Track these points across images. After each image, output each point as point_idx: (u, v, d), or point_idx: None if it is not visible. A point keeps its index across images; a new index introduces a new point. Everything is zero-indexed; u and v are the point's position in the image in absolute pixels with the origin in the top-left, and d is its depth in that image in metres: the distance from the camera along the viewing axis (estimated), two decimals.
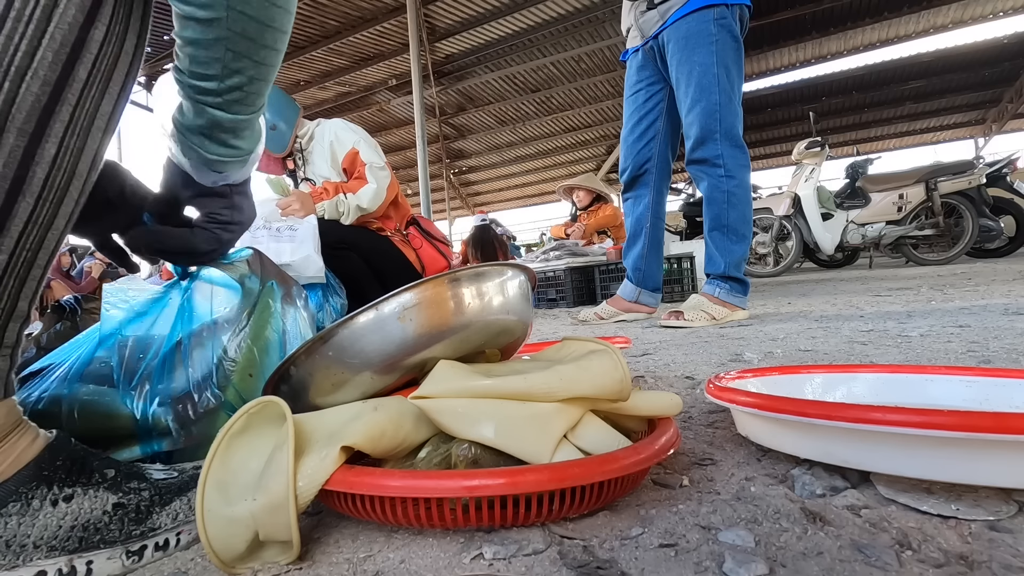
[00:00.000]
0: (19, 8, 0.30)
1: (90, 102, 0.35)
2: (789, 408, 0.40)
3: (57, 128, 0.33)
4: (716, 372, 0.81)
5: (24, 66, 0.31)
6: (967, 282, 2.22)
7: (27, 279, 0.34)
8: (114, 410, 0.55)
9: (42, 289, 0.37)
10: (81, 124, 0.35)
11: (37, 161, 0.33)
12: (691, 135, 1.55)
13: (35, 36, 0.31)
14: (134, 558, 0.35)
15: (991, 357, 0.79)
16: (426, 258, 1.69)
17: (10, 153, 0.31)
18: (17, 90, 0.31)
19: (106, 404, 0.55)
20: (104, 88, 0.36)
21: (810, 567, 0.29)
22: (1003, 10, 6.64)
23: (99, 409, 0.54)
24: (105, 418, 0.54)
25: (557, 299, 2.95)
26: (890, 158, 10.00)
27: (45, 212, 0.34)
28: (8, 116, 0.31)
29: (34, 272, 0.35)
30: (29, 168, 0.32)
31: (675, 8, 1.53)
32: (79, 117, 0.34)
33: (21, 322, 0.35)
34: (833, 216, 4.24)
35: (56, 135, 0.33)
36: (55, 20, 0.32)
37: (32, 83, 0.31)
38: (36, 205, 0.33)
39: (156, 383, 0.57)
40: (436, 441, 0.41)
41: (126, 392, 0.56)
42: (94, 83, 0.35)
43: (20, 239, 0.33)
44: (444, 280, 0.46)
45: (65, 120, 0.34)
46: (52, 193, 0.34)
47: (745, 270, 1.57)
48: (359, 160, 1.59)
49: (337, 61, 7.06)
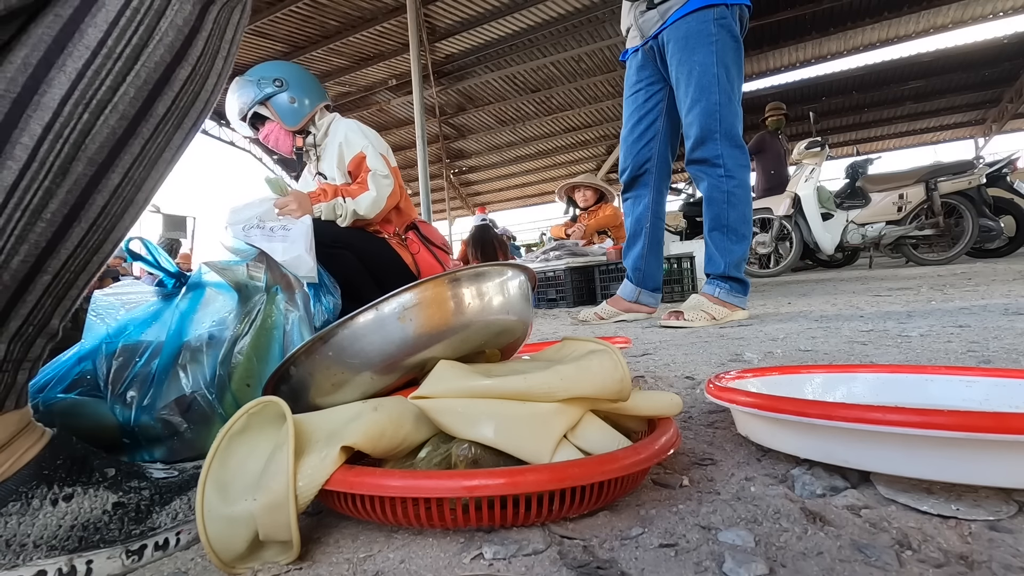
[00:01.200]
0: (111, 46, 0.31)
1: (163, 136, 0.35)
2: (789, 408, 0.40)
3: (126, 160, 0.34)
4: (716, 372, 0.81)
5: (106, 100, 0.31)
6: (967, 282, 2.22)
7: (64, 299, 0.35)
8: (99, 418, 0.54)
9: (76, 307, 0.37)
10: (150, 156, 0.35)
11: (100, 190, 0.33)
12: (691, 135, 1.55)
13: (121, 72, 0.32)
14: (134, 557, 0.35)
15: (991, 357, 0.79)
16: (422, 263, 1.69)
17: (75, 182, 0.32)
18: (95, 122, 0.31)
19: (90, 412, 0.54)
20: (179, 123, 0.36)
21: (810, 567, 0.29)
22: (1003, 10, 6.64)
23: (83, 417, 0.54)
24: (90, 426, 0.53)
25: (557, 299, 2.95)
26: (890, 158, 10.03)
27: (96, 237, 0.34)
28: (81, 147, 0.31)
29: (72, 292, 0.35)
30: (90, 196, 0.33)
31: (675, 8, 1.53)
32: (149, 150, 0.35)
33: (49, 338, 0.36)
34: (833, 216, 4.24)
35: (123, 166, 0.34)
36: (143, 58, 0.32)
37: (110, 116, 0.32)
38: (89, 230, 0.33)
39: (147, 391, 0.56)
40: (436, 441, 0.41)
41: (114, 400, 0.55)
42: (170, 118, 0.35)
43: (67, 261, 0.33)
44: (444, 280, 0.46)
45: (135, 153, 0.34)
46: (106, 220, 0.34)
47: (745, 270, 1.58)
48: (364, 166, 1.59)
49: (337, 61, 7.06)
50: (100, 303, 0.64)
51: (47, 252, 0.32)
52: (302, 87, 1.63)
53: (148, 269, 0.64)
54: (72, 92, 0.30)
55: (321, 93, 1.69)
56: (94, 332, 0.60)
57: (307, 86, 1.65)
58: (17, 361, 0.34)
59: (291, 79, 1.62)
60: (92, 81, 0.31)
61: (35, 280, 0.32)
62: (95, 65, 0.31)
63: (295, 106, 1.62)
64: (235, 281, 0.63)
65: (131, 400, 0.55)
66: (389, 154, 1.69)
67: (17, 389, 0.34)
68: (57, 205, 0.31)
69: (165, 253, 0.65)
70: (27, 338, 0.34)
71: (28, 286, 0.32)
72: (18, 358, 0.34)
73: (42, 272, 0.32)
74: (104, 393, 0.55)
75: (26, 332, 0.33)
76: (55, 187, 0.31)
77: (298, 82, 1.63)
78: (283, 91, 1.60)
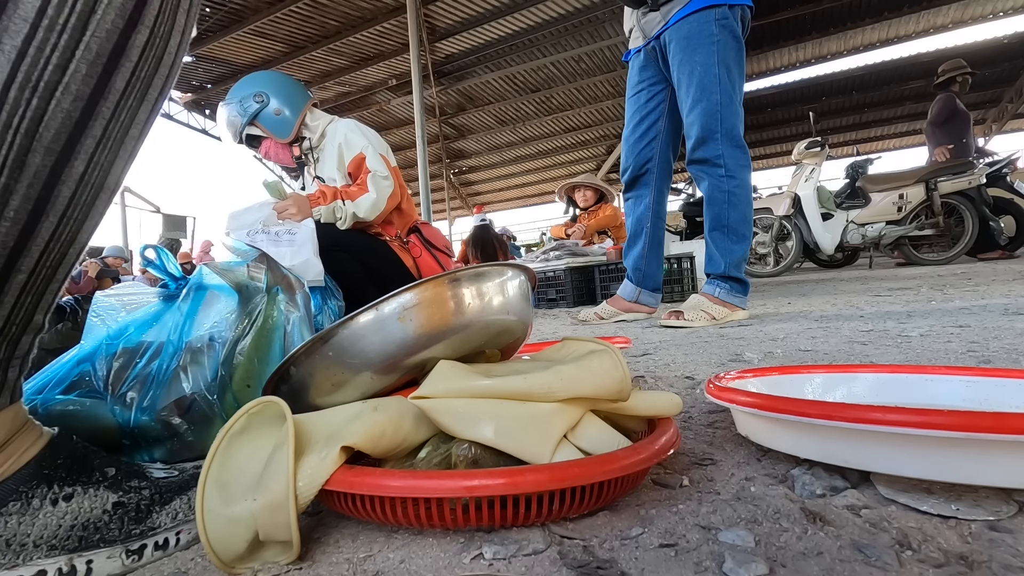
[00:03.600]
0: (51, 16, 0.27)
1: (126, 113, 0.32)
2: (789, 408, 0.40)
3: (88, 144, 0.30)
4: (716, 372, 0.81)
5: (55, 81, 0.28)
6: (967, 282, 2.22)
7: (45, 293, 0.33)
8: (98, 419, 0.54)
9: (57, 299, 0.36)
10: (114, 137, 0.32)
11: (64, 180, 0.30)
12: (692, 135, 1.55)
13: (68, 47, 0.28)
14: (134, 557, 0.35)
15: (991, 357, 0.79)
16: (424, 267, 1.68)
17: (35, 174, 0.29)
18: (46, 107, 0.28)
19: (89, 413, 0.54)
20: (143, 96, 0.32)
21: (810, 567, 0.29)
22: (1003, 10, 6.64)
23: (82, 418, 0.53)
24: (89, 428, 0.53)
25: (557, 299, 2.95)
26: (890, 158, 10.02)
27: (68, 229, 0.32)
28: (35, 136, 0.28)
29: (52, 287, 0.34)
30: (55, 188, 0.30)
31: (677, 8, 1.53)
32: (113, 130, 0.31)
33: (35, 333, 0.34)
34: (833, 216, 4.24)
35: (87, 151, 0.30)
36: (91, 28, 0.28)
37: (63, 99, 0.28)
38: (59, 224, 0.31)
39: (147, 391, 0.56)
40: (436, 441, 0.41)
41: (114, 401, 0.55)
42: (132, 92, 0.31)
43: (41, 258, 0.31)
44: (444, 280, 0.46)
45: (97, 135, 0.30)
46: (77, 211, 0.32)
47: (745, 270, 1.58)
48: (364, 167, 1.58)
49: (337, 61, 7.07)
50: (101, 304, 0.63)
51: (17, 252, 0.30)
52: (283, 95, 1.61)
53: (156, 274, 0.65)
54: (15, 75, 0.27)
55: (304, 94, 1.66)
56: (94, 334, 0.60)
57: (288, 92, 1.62)
58: (5, 360, 0.33)
59: (270, 90, 1.59)
60: (36, 60, 0.27)
61: (9, 281, 0.30)
62: (36, 40, 0.27)
63: (281, 117, 1.60)
64: (236, 282, 0.63)
65: (131, 401, 0.55)
66: (389, 154, 1.68)
67: (9, 386, 0.34)
68: (19, 202, 0.28)
69: (173, 257, 0.66)
70: (11, 337, 0.33)
71: (3, 287, 0.30)
72: (5, 357, 0.33)
73: (15, 272, 0.30)
74: (103, 394, 0.55)
75: (9, 332, 0.32)
76: (13, 183, 0.28)
77: (277, 90, 1.61)
78: (266, 105, 1.58)
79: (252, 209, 1.45)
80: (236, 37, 6.36)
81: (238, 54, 6.78)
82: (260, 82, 1.61)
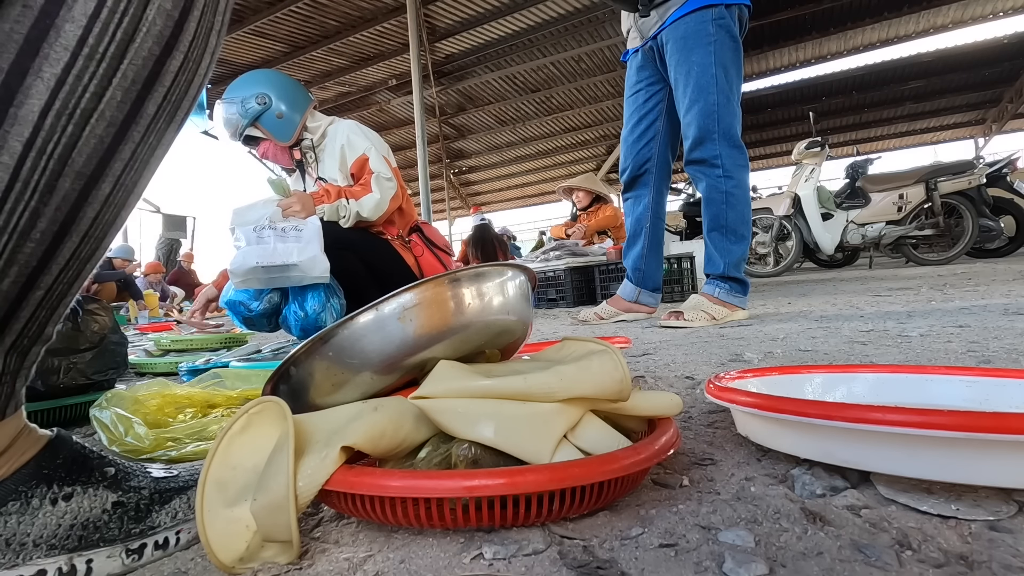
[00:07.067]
0: (92, 44, 0.27)
1: (154, 135, 0.32)
2: (789, 408, 0.40)
3: (116, 167, 0.31)
4: (716, 372, 0.81)
5: (91, 108, 0.28)
6: (967, 282, 2.22)
7: (59, 307, 0.34)
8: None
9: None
10: (141, 159, 0.32)
11: (90, 202, 0.30)
12: (689, 135, 1.55)
13: (106, 75, 0.28)
14: (134, 556, 0.35)
15: (991, 357, 0.79)
16: (425, 266, 1.68)
17: (64, 198, 0.29)
18: (80, 134, 0.28)
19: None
20: (172, 118, 0.33)
21: (810, 567, 0.29)
22: (1003, 10, 6.63)
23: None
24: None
25: (557, 299, 2.95)
26: (890, 158, 10.02)
27: (88, 247, 0.32)
28: (67, 161, 0.28)
29: (66, 300, 0.34)
30: (80, 210, 0.30)
31: (673, 9, 1.53)
32: (141, 152, 0.32)
33: (44, 344, 0.35)
34: (833, 216, 4.24)
35: (114, 174, 0.31)
36: (129, 55, 0.28)
37: (97, 125, 0.29)
38: (80, 243, 0.31)
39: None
40: (436, 441, 0.41)
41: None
42: (162, 115, 0.32)
43: (59, 275, 0.32)
44: (444, 280, 0.46)
45: (126, 158, 0.31)
46: (98, 230, 0.32)
47: (745, 270, 1.58)
48: (368, 168, 1.58)
49: (337, 61, 7.05)
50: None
51: (38, 270, 0.30)
52: (287, 99, 1.60)
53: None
54: (53, 102, 0.27)
55: (306, 97, 1.65)
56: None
57: (291, 96, 1.61)
58: (14, 372, 0.33)
59: (274, 92, 1.58)
60: (74, 88, 0.27)
61: (28, 297, 0.31)
62: (76, 69, 0.27)
63: (283, 121, 1.59)
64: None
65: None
66: (390, 155, 1.68)
67: (16, 396, 0.34)
68: (46, 224, 0.29)
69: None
70: (22, 349, 0.33)
71: (21, 303, 0.31)
72: (15, 369, 0.33)
73: (35, 289, 0.31)
74: None
75: (21, 344, 0.33)
76: (42, 206, 0.28)
77: (281, 94, 1.59)
78: (268, 108, 1.56)
79: (257, 205, 1.45)
80: (236, 37, 6.35)
81: (238, 54, 6.76)
82: (262, 82, 1.60)
